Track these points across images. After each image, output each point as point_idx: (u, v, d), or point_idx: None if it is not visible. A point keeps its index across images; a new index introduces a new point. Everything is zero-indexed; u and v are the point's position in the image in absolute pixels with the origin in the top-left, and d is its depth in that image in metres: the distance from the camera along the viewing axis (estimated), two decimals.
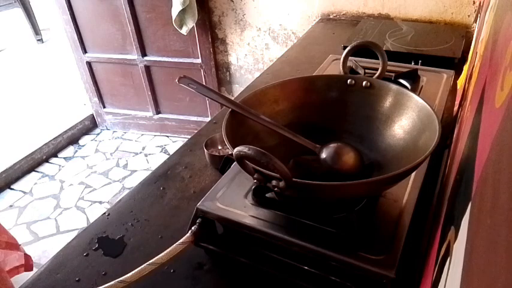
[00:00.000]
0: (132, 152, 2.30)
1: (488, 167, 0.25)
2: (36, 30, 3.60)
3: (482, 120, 0.34)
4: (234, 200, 0.57)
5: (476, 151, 0.32)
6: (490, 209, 0.21)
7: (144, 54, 2.10)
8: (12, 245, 0.90)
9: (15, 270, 0.94)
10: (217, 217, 0.56)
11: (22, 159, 2.14)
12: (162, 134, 2.39)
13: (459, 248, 0.26)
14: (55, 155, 2.30)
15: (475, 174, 0.29)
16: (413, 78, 0.88)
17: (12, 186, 2.07)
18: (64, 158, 2.29)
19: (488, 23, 0.66)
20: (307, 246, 0.50)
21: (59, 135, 2.35)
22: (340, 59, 0.71)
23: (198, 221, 0.57)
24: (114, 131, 2.49)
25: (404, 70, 0.90)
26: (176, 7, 1.75)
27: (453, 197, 0.40)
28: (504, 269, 0.16)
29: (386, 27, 1.34)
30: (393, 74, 0.87)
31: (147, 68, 2.14)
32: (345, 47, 0.80)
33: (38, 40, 3.64)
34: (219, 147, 0.84)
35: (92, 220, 0.98)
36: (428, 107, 0.54)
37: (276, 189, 0.45)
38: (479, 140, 0.32)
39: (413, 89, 0.84)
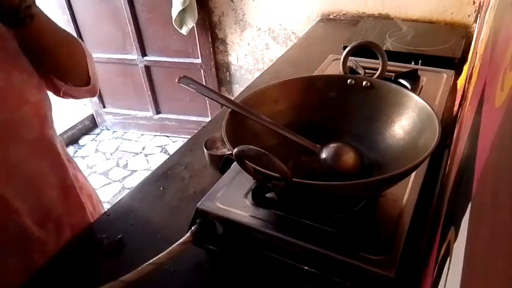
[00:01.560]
0: (132, 152, 2.30)
1: (488, 167, 0.25)
2: None
3: (482, 120, 0.34)
4: (234, 200, 0.57)
5: (476, 151, 0.32)
6: (490, 209, 0.21)
7: (144, 54, 2.10)
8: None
9: None
10: (217, 217, 0.56)
11: None
12: (162, 134, 2.40)
13: (459, 248, 0.26)
14: None
15: (475, 174, 0.29)
16: (413, 78, 0.88)
17: None
18: None
19: (488, 23, 0.66)
20: (307, 246, 0.50)
21: (58, 135, 2.35)
22: (340, 59, 0.71)
23: (198, 221, 0.57)
24: (114, 131, 2.49)
25: (404, 70, 0.90)
26: (176, 7, 1.75)
27: (453, 197, 0.40)
28: (504, 269, 0.16)
29: (386, 27, 1.34)
30: (393, 74, 0.87)
31: (147, 68, 2.14)
32: (345, 47, 0.80)
33: None
34: (219, 146, 0.84)
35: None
36: (428, 107, 0.54)
37: (276, 189, 0.45)
38: (479, 140, 0.32)
39: (413, 89, 0.84)
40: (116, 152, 2.32)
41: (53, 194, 0.70)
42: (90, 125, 2.54)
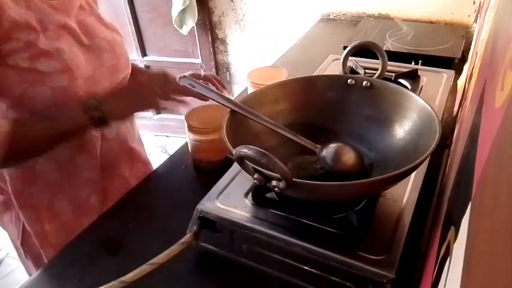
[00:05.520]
0: None
1: (488, 167, 0.25)
2: None
3: (482, 120, 0.33)
4: (234, 200, 0.57)
5: (476, 151, 0.32)
6: (490, 209, 0.21)
7: (144, 54, 2.10)
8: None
9: None
10: (217, 217, 0.56)
11: None
12: (162, 134, 2.39)
13: (459, 248, 0.26)
14: None
15: (475, 174, 0.29)
16: (413, 78, 0.88)
17: None
18: None
19: (488, 23, 0.66)
20: (307, 246, 0.50)
21: None
22: (340, 59, 0.71)
23: (198, 221, 0.57)
24: None
25: (404, 70, 0.90)
26: (176, 7, 1.75)
27: (453, 197, 0.40)
28: (504, 269, 0.16)
29: (386, 27, 1.34)
30: (393, 74, 0.87)
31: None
32: (345, 47, 0.80)
33: None
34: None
35: None
36: (429, 107, 0.54)
37: (276, 189, 0.45)
38: (479, 140, 0.32)
39: (413, 89, 0.84)
40: None
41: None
42: None
